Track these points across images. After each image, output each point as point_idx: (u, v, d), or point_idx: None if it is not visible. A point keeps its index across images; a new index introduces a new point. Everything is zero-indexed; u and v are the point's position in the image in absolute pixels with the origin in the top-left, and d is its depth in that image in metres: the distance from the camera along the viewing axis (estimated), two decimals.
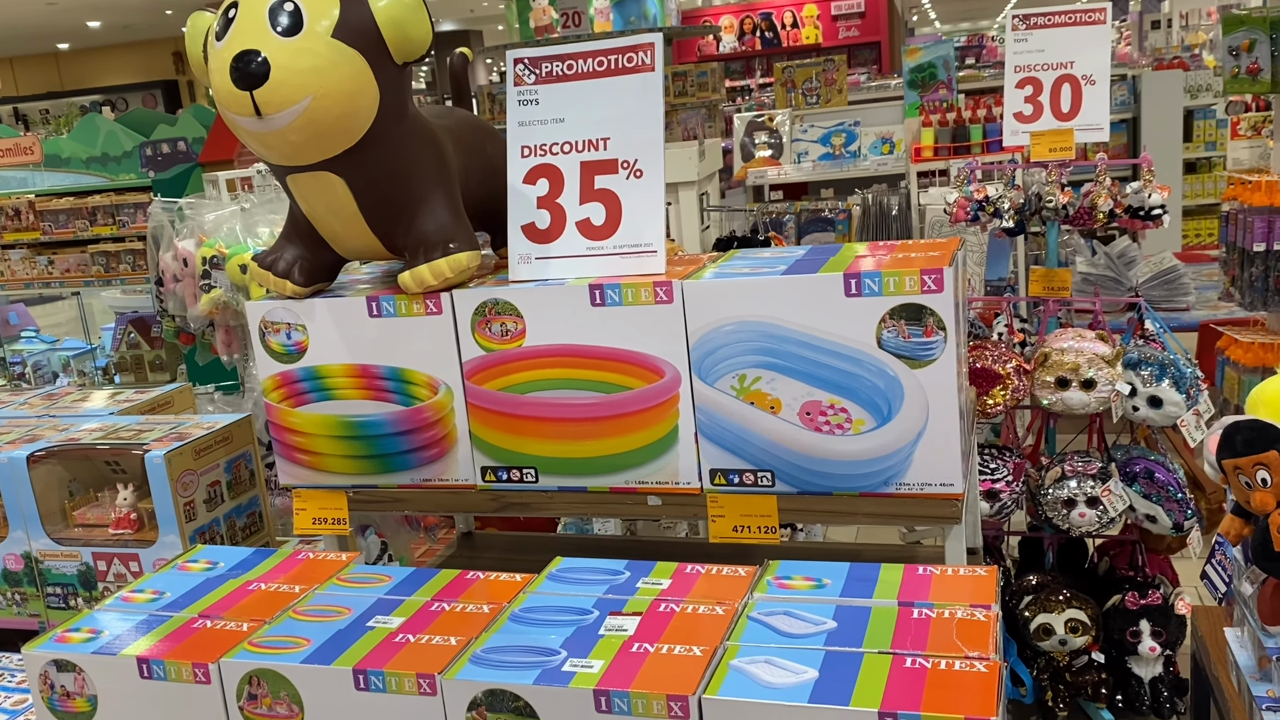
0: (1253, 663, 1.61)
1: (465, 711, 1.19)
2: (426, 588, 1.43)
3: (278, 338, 1.76)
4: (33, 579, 2.10)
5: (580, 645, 1.23)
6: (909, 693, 1.07)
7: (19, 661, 1.98)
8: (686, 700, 1.11)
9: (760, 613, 1.28)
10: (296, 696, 1.26)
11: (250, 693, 1.28)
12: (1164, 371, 2.71)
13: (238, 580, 1.52)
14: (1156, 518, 2.80)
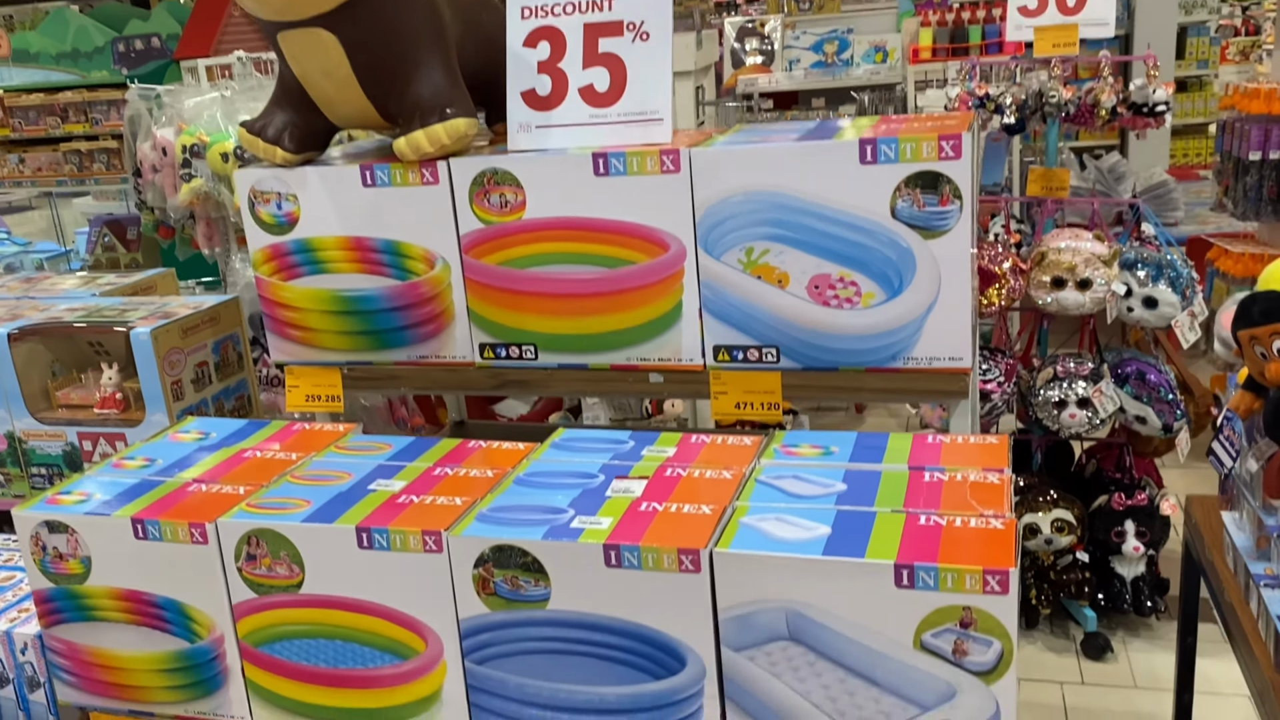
0: (1250, 543, 1.62)
1: (472, 568, 1.17)
2: (428, 454, 1.41)
3: (268, 208, 1.70)
4: (17, 459, 2.06)
5: (588, 505, 1.21)
6: (925, 546, 1.06)
7: (4, 540, 1.95)
8: (698, 553, 1.09)
9: (768, 476, 1.26)
10: (297, 556, 1.23)
11: (249, 553, 1.25)
12: (1160, 272, 2.69)
13: (231, 449, 1.48)
14: (1146, 419, 2.81)
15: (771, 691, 1.11)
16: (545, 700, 1.19)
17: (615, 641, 1.15)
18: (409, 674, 1.24)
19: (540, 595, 1.16)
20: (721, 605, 1.10)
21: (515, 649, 1.19)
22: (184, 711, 1.35)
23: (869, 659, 1.07)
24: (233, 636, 1.29)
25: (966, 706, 1.05)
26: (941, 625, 1.04)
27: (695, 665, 1.13)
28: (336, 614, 1.24)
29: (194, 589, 1.29)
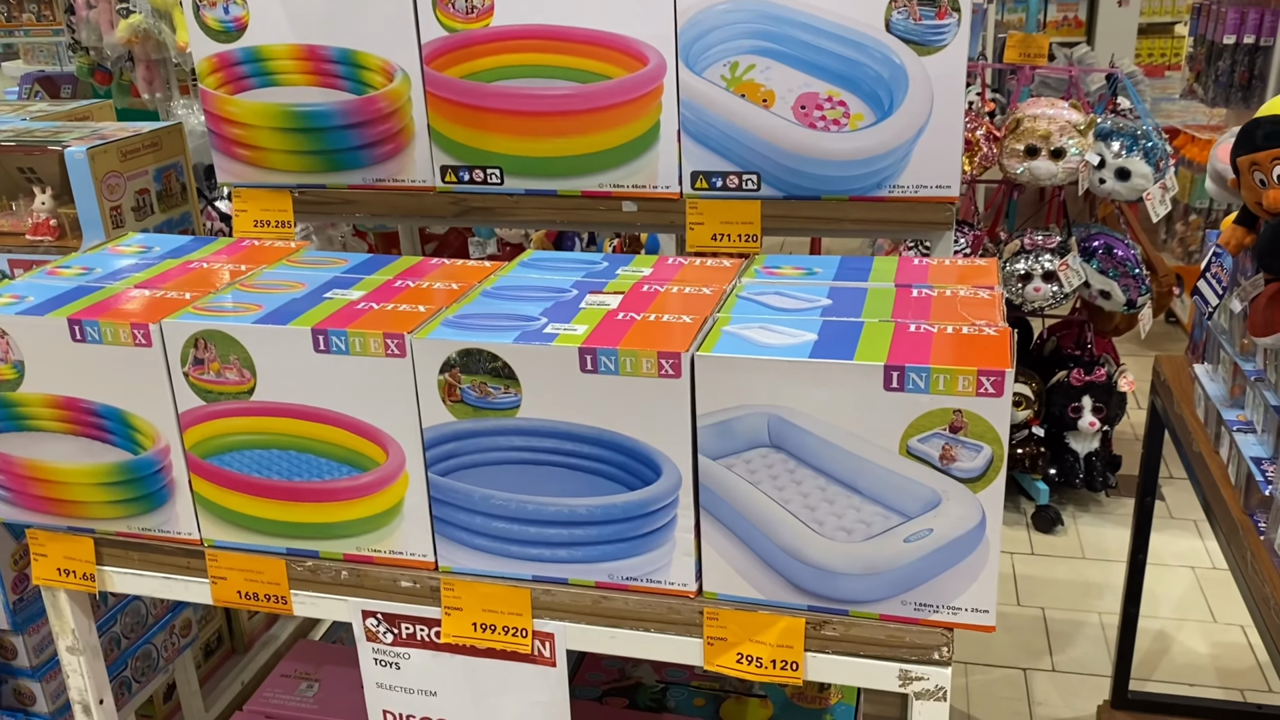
0: (1224, 391, 1.60)
1: (437, 374, 1.11)
2: (388, 268, 1.33)
3: (214, 12, 1.58)
4: None
5: (561, 314, 1.15)
6: (916, 350, 1.01)
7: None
8: (679, 357, 1.03)
9: (751, 293, 1.20)
10: (248, 360, 1.16)
11: (196, 357, 1.17)
12: (1135, 143, 2.65)
13: (176, 260, 1.39)
14: (1111, 294, 2.80)
15: (748, 500, 1.07)
16: (512, 513, 1.14)
17: (588, 451, 1.10)
18: (368, 486, 1.18)
19: (510, 403, 1.10)
20: (701, 412, 1.05)
21: (481, 459, 1.14)
22: (127, 528, 1.28)
23: (852, 466, 1.03)
24: (179, 447, 1.22)
25: (951, 515, 1.02)
26: (930, 430, 0.99)
27: (671, 474, 1.08)
28: (291, 423, 1.18)
29: (137, 396, 1.21)
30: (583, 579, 1.16)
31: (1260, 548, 1.37)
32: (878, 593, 1.07)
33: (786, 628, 1.10)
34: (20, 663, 1.73)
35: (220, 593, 1.27)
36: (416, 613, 1.21)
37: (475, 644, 1.20)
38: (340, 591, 1.23)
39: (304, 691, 1.61)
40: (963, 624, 1.06)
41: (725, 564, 1.11)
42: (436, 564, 1.20)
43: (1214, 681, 2.35)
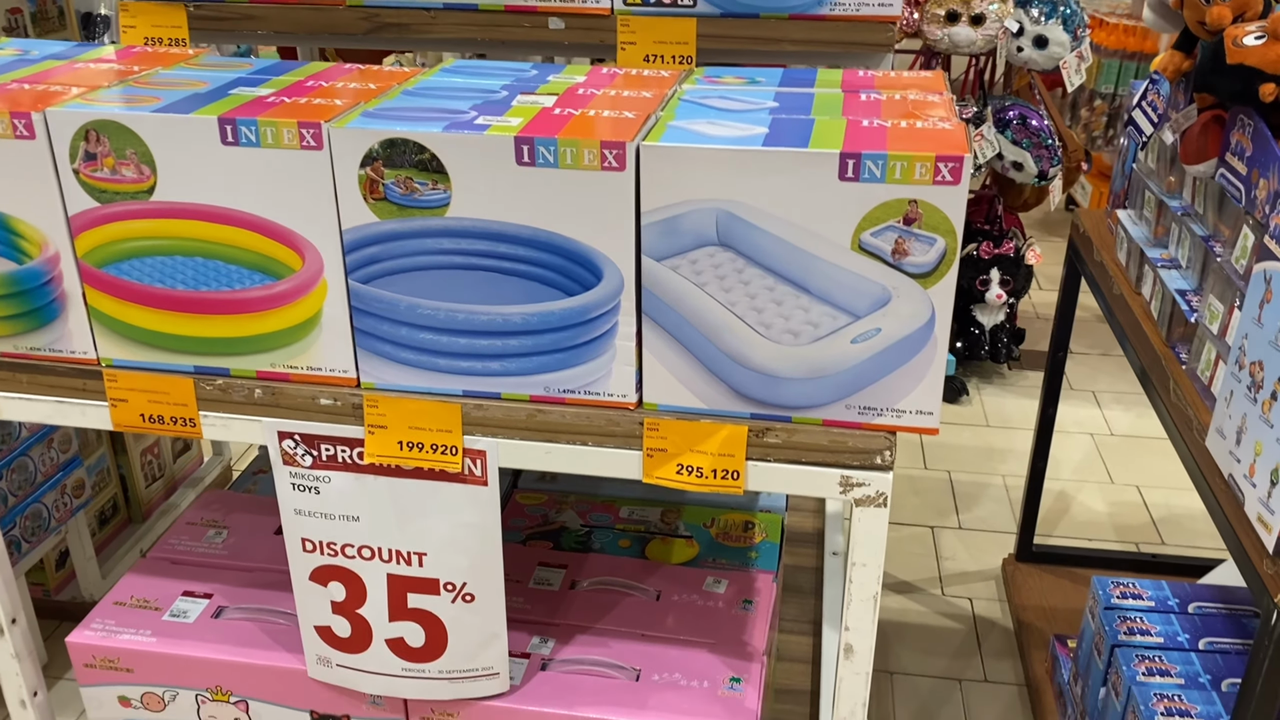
0: (1148, 233, 1.62)
1: (358, 168, 1.02)
2: (298, 71, 1.23)
3: None
4: None
5: (493, 110, 1.07)
6: (871, 140, 0.97)
7: None
8: (623, 147, 0.97)
9: (693, 96, 1.14)
10: (147, 155, 1.05)
11: (88, 151, 1.06)
12: (1055, 9, 2.64)
13: (60, 61, 1.26)
14: (1024, 164, 2.82)
15: (693, 303, 1.02)
16: (441, 322, 1.08)
17: (523, 254, 1.04)
18: (283, 295, 1.10)
19: (438, 200, 1.03)
20: (645, 208, 1.00)
21: (407, 264, 1.06)
22: (14, 348, 1.17)
23: (802, 264, 0.99)
24: (70, 255, 1.11)
25: (900, 313, 0.99)
26: (884, 222, 0.96)
27: (612, 277, 1.03)
28: (196, 225, 1.08)
29: (20, 199, 1.09)
30: (517, 393, 1.11)
31: (1181, 375, 1.39)
32: (821, 397, 1.04)
33: (728, 436, 1.07)
34: None
35: (121, 416, 1.18)
36: (337, 433, 1.15)
37: (401, 464, 1.14)
38: (254, 412, 1.16)
39: (212, 538, 1.54)
40: (907, 426, 1.05)
41: (667, 373, 1.07)
42: (359, 380, 1.13)
43: (1111, 537, 2.44)
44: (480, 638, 1.24)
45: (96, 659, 1.36)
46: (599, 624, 1.41)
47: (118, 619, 1.38)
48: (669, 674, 1.32)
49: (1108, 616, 1.65)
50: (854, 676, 1.18)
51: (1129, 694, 1.52)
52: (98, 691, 1.38)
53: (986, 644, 2.11)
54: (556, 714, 1.28)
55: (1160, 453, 2.76)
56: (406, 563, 1.20)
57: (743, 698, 1.29)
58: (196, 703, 1.36)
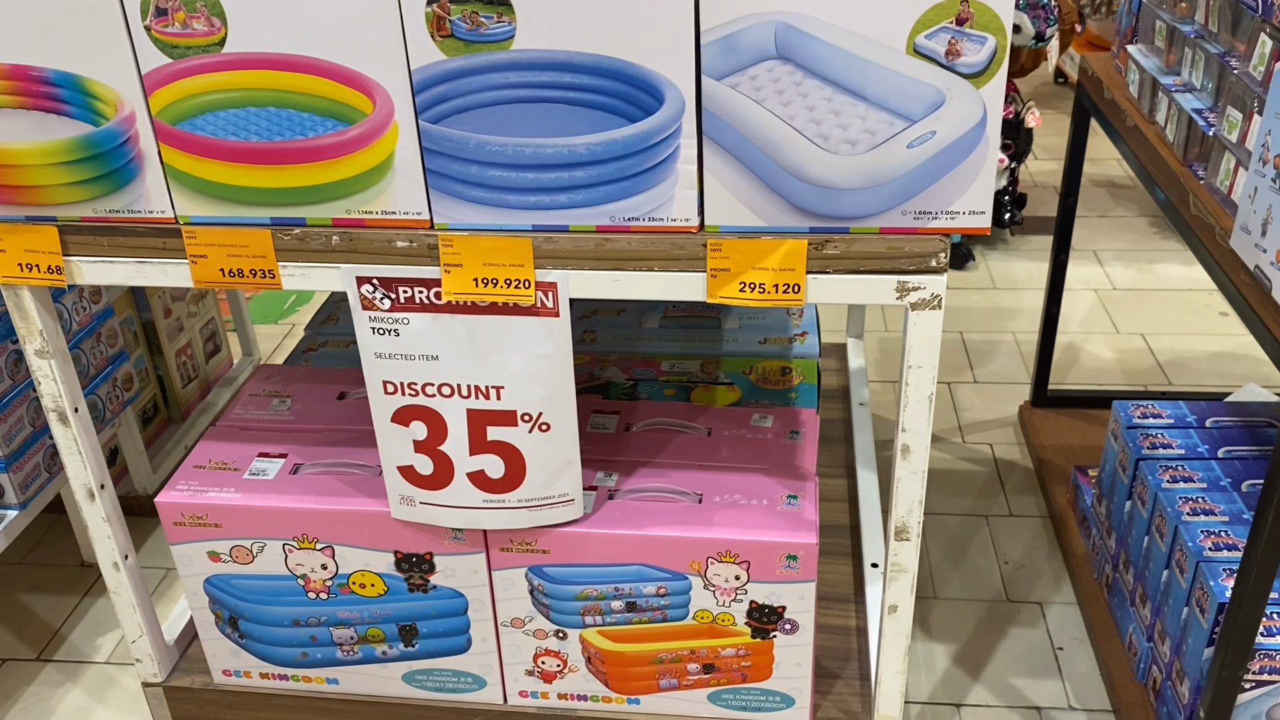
0: (1158, 63, 1.67)
1: (425, 5, 1.06)
2: None
3: None
4: None
5: None
6: None
7: None
8: None
9: None
10: (217, 6, 1.09)
11: (158, 6, 1.09)
12: None
13: None
14: (1021, 26, 2.85)
15: (754, 119, 1.08)
16: (509, 158, 1.13)
17: (586, 82, 1.08)
18: (356, 140, 1.14)
19: (503, 33, 1.07)
20: (705, 26, 1.04)
21: (474, 101, 1.11)
22: (92, 211, 1.22)
23: (859, 70, 1.04)
24: (145, 114, 1.15)
25: (953, 114, 1.05)
26: (937, 24, 1.01)
27: (674, 100, 1.08)
28: (267, 75, 1.12)
29: (93, 58, 1.13)
30: (584, 224, 1.16)
31: (1200, 188, 1.45)
32: (879, 205, 1.10)
33: (789, 251, 1.13)
34: None
35: (201, 272, 1.23)
36: (414, 274, 1.20)
37: (476, 299, 1.20)
38: (331, 259, 1.21)
39: (277, 406, 1.60)
40: (960, 228, 1.11)
41: (727, 193, 1.12)
42: (432, 221, 1.18)
43: (1121, 381, 2.54)
44: (556, 465, 1.31)
45: (185, 517, 1.43)
46: (657, 459, 1.48)
47: (200, 480, 1.45)
48: (729, 495, 1.40)
49: (1130, 435, 1.74)
50: (911, 475, 1.26)
51: (1155, 500, 1.62)
52: (187, 549, 1.46)
53: (1009, 482, 2.21)
54: (631, 534, 1.36)
55: (1162, 303, 2.85)
56: (485, 396, 1.26)
57: (801, 511, 1.37)
58: (284, 552, 1.44)
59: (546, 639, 1.47)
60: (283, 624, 1.50)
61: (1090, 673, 1.77)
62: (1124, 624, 1.74)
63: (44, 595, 2.01)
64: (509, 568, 1.41)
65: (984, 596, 1.93)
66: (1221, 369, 2.56)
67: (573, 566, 1.39)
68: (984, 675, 1.77)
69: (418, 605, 1.46)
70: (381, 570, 1.44)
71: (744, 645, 1.43)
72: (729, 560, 1.35)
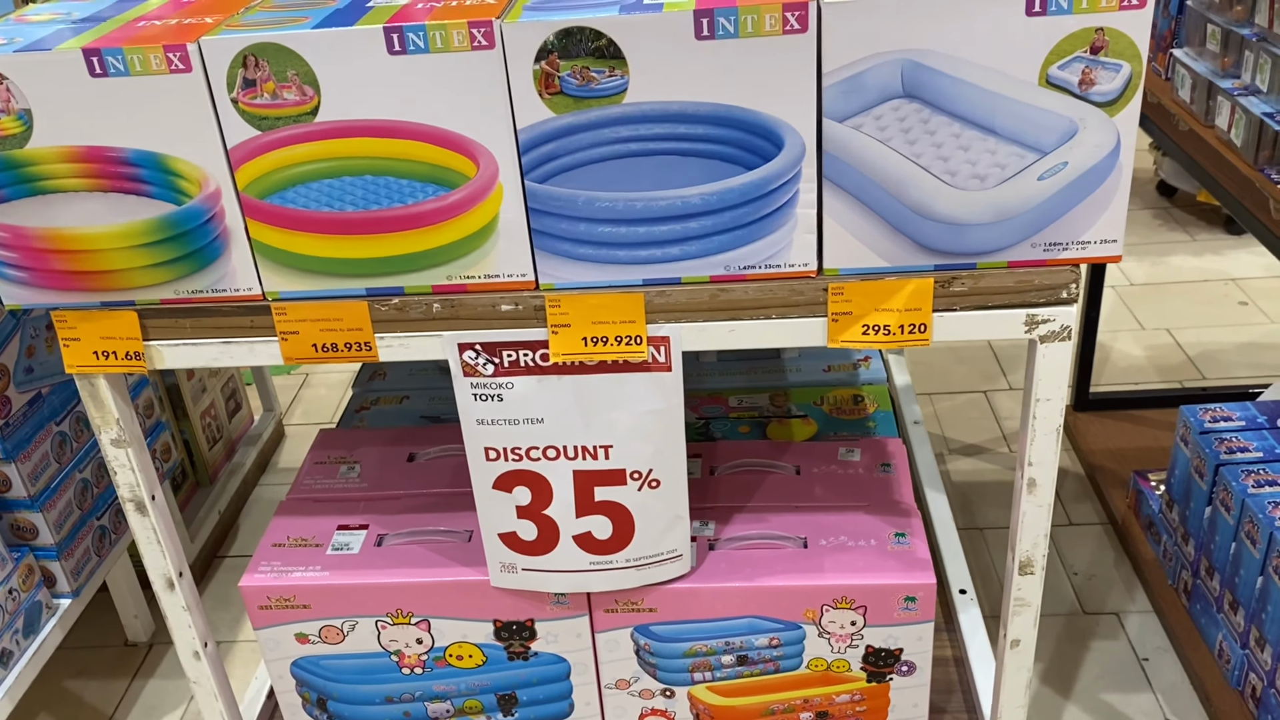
0: (1213, 67, 1.66)
1: (533, 63, 1.02)
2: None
3: None
4: None
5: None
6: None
7: None
8: (805, 8, 0.97)
9: None
10: (310, 75, 1.03)
11: (246, 78, 1.04)
12: None
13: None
14: None
15: (878, 160, 1.04)
16: (619, 213, 1.08)
17: (701, 132, 1.04)
18: (458, 205, 1.09)
19: (615, 87, 1.02)
20: (828, 68, 1.01)
21: (583, 158, 1.06)
22: (173, 293, 1.16)
23: (989, 104, 1.01)
24: (231, 190, 1.10)
25: (1086, 144, 1.02)
26: (1071, 54, 0.98)
27: (794, 145, 1.04)
28: (363, 142, 1.07)
29: (175, 136, 1.07)
30: (697, 276, 1.12)
31: (1278, 192, 1.44)
32: (1007, 239, 1.07)
33: (914, 290, 1.10)
34: (16, 493, 1.58)
35: (292, 349, 1.17)
36: (519, 337, 1.16)
37: (586, 359, 1.15)
38: (431, 328, 1.16)
39: (346, 474, 1.54)
40: (1092, 257, 1.08)
41: (848, 235, 1.09)
42: (537, 282, 1.14)
43: (1154, 378, 2.54)
44: (665, 521, 1.27)
45: (272, 600, 1.36)
46: (751, 502, 1.44)
47: (283, 559, 1.39)
48: (835, 538, 1.37)
49: (1204, 440, 1.73)
50: (1037, 509, 1.23)
51: (1242, 506, 1.60)
52: (274, 632, 1.39)
53: (1063, 490, 2.19)
54: (741, 587, 1.32)
55: (1181, 295, 2.86)
56: (593, 457, 1.22)
57: (912, 549, 1.34)
58: (376, 629, 1.38)
59: (653, 699, 1.42)
60: (375, 702, 1.44)
61: (1180, 682, 1.75)
62: (1210, 631, 1.72)
63: (91, 680, 1.92)
64: (614, 629, 1.36)
65: (1059, 611, 1.91)
66: (1251, 359, 2.57)
67: (681, 624, 1.35)
68: (1074, 693, 1.75)
69: (518, 674, 1.41)
70: (480, 641, 1.38)
71: (859, 690, 1.39)
72: (845, 606, 1.32)
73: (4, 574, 1.55)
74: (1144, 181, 3.50)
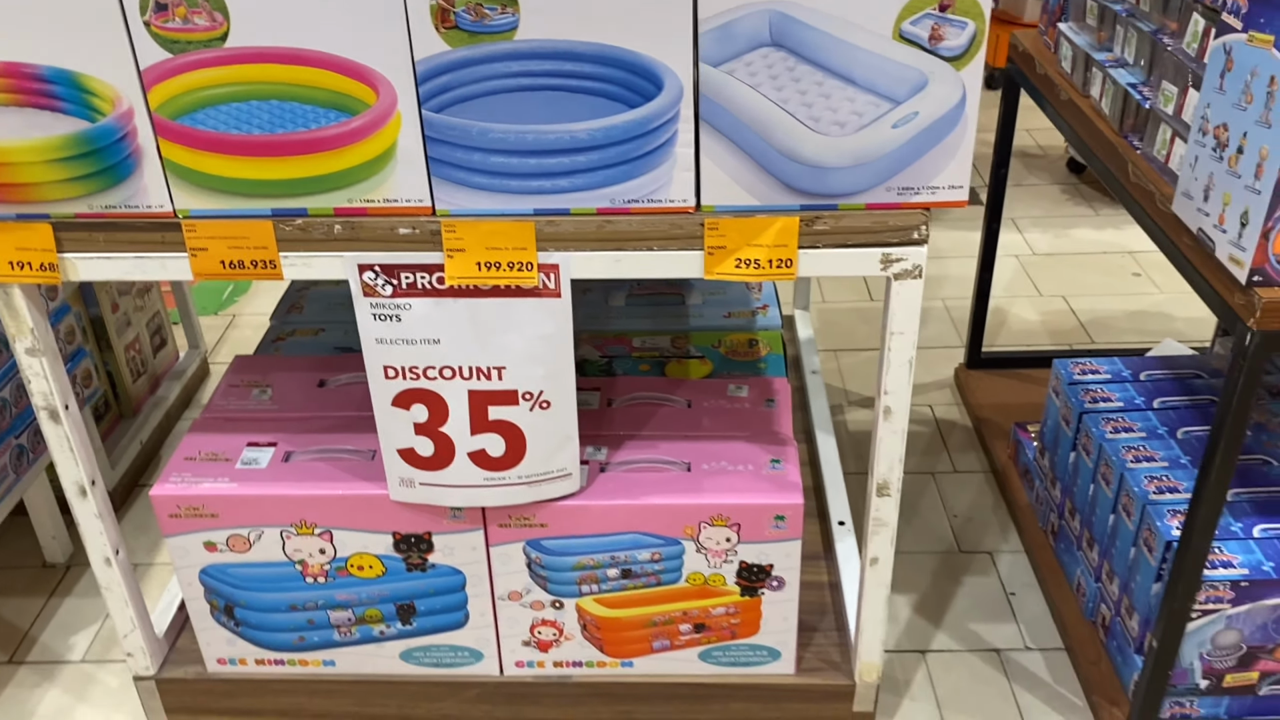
0: (1091, 40, 1.77)
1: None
2: None
3: None
4: None
5: None
6: None
7: None
8: None
9: None
10: (220, 1, 1.10)
11: (158, 3, 1.10)
12: None
13: None
14: None
15: (748, 104, 1.13)
16: (511, 145, 1.17)
17: (587, 70, 1.13)
18: (359, 130, 1.17)
19: (507, 24, 1.10)
20: (703, 15, 1.09)
21: (477, 90, 1.14)
22: (88, 207, 1.22)
23: (848, 56, 1.11)
24: (144, 110, 1.16)
25: (936, 95, 1.12)
26: (921, 11, 1.08)
27: (673, 86, 1.13)
28: (270, 69, 1.14)
29: (91, 56, 1.13)
30: (585, 207, 1.21)
31: (1138, 158, 1.56)
32: (865, 182, 1.17)
33: (782, 228, 1.20)
34: None
35: (201, 265, 1.24)
36: (416, 260, 1.23)
37: (479, 283, 1.24)
38: (333, 248, 1.23)
39: (258, 396, 1.61)
40: (940, 202, 1.19)
41: (723, 175, 1.18)
42: (434, 208, 1.21)
43: (1046, 341, 2.68)
44: (556, 441, 1.36)
45: (181, 508, 1.44)
46: (643, 431, 1.54)
47: (193, 471, 1.46)
48: (716, 463, 1.47)
49: (1072, 390, 1.86)
50: (893, 435, 1.34)
51: (1100, 450, 1.74)
52: (183, 540, 1.47)
53: (950, 441, 2.32)
54: (626, 504, 1.42)
55: (1080, 266, 3.00)
56: (486, 377, 1.30)
57: (785, 474, 1.45)
58: (281, 539, 1.46)
59: (543, 610, 1.52)
60: (280, 609, 1.52)
61: (1042, 614, 1.89)
62: (1071, 568, 1.86)
63: (8, 599, 1.98)
64: (507, 543, 1.46)
65: (937, 549, 2.04)
66: (1138, 326, 2.72)
67: (570, 538, 1.45)
68: (944, 622, 1.88)
69: (416, 584, 1.50)
70: (380, 552, 1.47)
71: (734, 604, 1.50)
72: (720, 524, 1.42)
73: None
74: (1055, 159, 3.64)
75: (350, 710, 1.61)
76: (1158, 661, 1.50)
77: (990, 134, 2.20)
